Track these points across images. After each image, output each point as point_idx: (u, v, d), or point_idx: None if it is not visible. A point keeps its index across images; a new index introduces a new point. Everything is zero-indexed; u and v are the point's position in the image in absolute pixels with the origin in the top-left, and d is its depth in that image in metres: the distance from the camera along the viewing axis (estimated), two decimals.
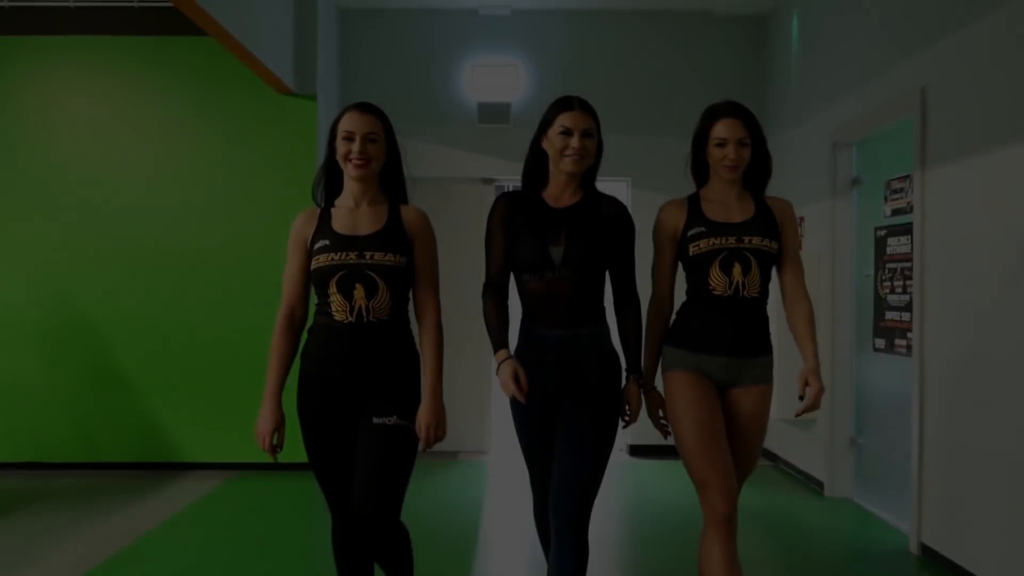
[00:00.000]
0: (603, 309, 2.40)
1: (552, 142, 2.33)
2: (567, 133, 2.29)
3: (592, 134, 2.33)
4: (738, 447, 2.44)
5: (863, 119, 4.32)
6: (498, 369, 2.32)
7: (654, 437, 2.57)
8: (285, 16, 5.10)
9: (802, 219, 4.93)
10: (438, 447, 2.35)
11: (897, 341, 4.09)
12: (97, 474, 5.29)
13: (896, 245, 4.12)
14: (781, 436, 5.46)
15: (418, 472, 2.32)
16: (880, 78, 4.15)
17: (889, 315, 4.19)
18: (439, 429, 2.29)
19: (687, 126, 2.70)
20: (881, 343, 4.29)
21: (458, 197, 5.93)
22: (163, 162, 5.43)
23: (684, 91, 5.89)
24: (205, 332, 5.33)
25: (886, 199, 4.26)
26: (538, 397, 2.35)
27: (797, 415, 2.45)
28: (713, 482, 2.32)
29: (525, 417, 2.44)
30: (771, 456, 5.72)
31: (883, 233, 4.27)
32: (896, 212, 4.14)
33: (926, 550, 3.64)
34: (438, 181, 5.83)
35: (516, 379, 2.25)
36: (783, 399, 3.44)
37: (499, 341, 2.35)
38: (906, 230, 3.96)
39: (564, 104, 2.36)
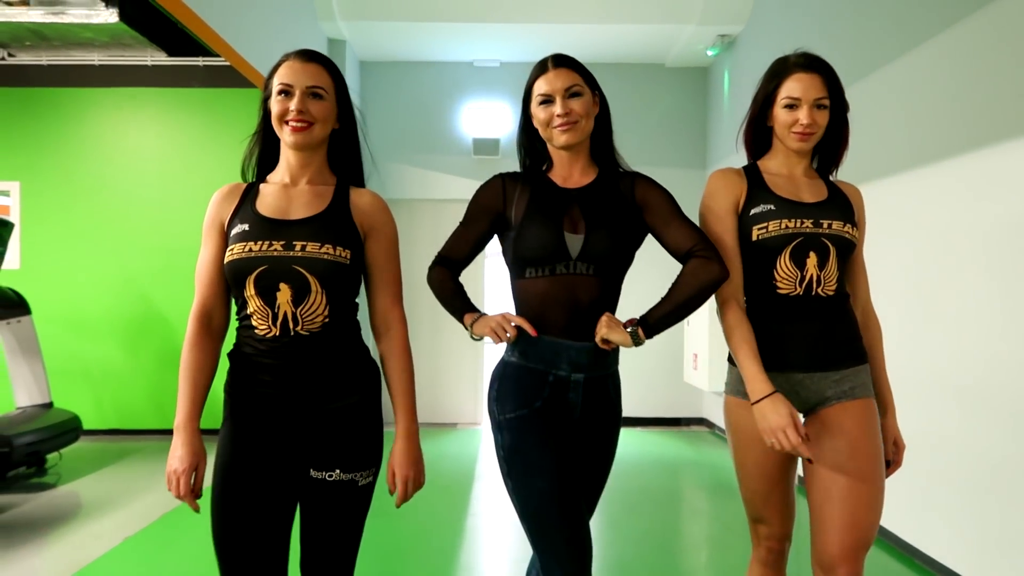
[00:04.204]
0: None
1: (537, 117, 1.78)
2: (548, 101, 1.75)
3: (579, 92, 1.74)
4: (850, 486, 1.68)
5: None
6: (475, 327, 1.76)
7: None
8: None
9: None
10: (439, 419, 1.47)
11: None
12: (169, 438, 5.40)
13: None
14: (713, 404, 6.23)
15: (423, 437, 1.65)
16: None
17: None
18: (418, 479, 1.65)
19: (646, 158, 2.63)
20: None
21: (455, 217, 6.56)
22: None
23: (642, 129, 6.49)
24: None
25: None
26: (559, 425, 1.70)
27: None
28: (772, 521, 1.84)
29: (541, 457, 1.66)
30: (708, 424, 6.49)
31: None
32: None
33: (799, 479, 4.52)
34: (438, 202, 6.62)
35: (503, 326, 1.73)
36: None
37: (464, 305, 1.82)
38: None
39: (539, 68, 1.78)
